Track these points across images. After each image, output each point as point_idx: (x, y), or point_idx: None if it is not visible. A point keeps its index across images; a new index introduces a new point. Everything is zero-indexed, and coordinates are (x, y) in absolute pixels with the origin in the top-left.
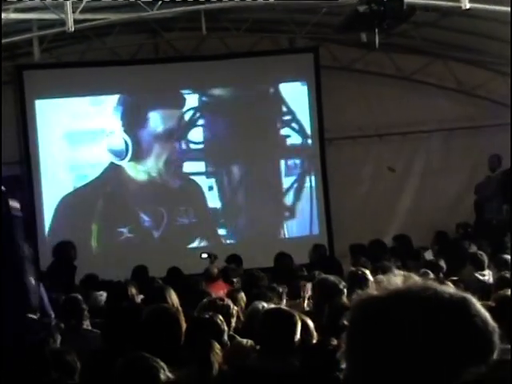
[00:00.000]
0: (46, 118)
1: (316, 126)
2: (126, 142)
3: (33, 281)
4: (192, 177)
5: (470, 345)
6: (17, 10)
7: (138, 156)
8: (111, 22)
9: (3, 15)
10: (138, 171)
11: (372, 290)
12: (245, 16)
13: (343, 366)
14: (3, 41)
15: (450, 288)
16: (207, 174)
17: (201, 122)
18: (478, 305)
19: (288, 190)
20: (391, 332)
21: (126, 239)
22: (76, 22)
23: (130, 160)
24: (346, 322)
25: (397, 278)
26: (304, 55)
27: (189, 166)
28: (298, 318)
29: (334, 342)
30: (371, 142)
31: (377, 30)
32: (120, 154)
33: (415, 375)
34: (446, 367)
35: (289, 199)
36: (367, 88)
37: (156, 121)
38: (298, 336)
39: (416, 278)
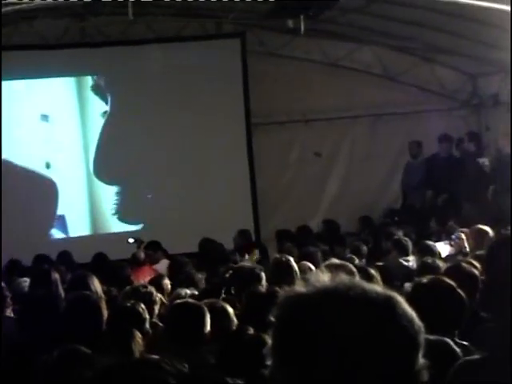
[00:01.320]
0: None
1: (243, 111)
2: None
3: None
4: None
5: (394, 344)
6: None
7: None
8: (37, 6)
9: None
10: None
11: (299, 286)
12: (172, 1)
13: (267, 361)
14: None
15: (376, 286)
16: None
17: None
18: (404, 304)
19: (216, 175)
20: (318, 330)
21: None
22: (2, 4)
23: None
24: (272, 318)
25: (324, 275)
26: (231, 40)
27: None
28: (205, 309)
29: (251, 330)
30: (297, 127)
31: (302, 17)
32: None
33: (340, 373)
34: (370, 365)
35: (214, 184)
36: (294, 73)
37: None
38: (207, 328)
39: (343, 275)
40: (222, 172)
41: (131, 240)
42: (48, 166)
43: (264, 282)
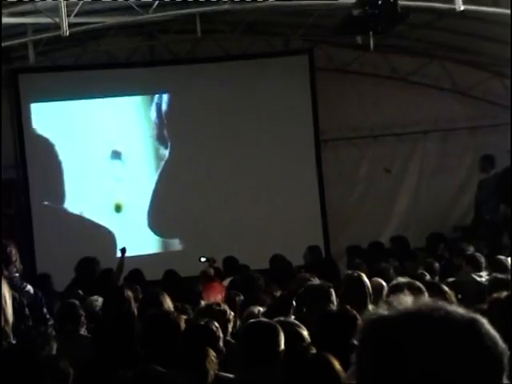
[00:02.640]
0: (43, 122)
1: (311, 128)
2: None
3: (30, 289)
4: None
5: (479, 366)
6: (11, 14)
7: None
8: (106, 26)
9: None
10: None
11: (382, 309)
12: (240, 18)
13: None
14: None
15: (459, 308)
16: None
17: (198, 124)
18: (487, 325)
19: (284, 191)
20: (402, 353)
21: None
22: (71, 25)
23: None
24: (355, 342)
25: (407, 298)
26: (299, 57)
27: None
28: (279, 328)
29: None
30: (367, 142)
31: (371, 33)
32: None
33: None
34: None
35: (283, 201)
36: (362, 89)
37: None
38: (281, 347)
39: (425, 298)
40: (291, 189)
41: (203, 259)
42: (118, 208)
43: (334, 299)
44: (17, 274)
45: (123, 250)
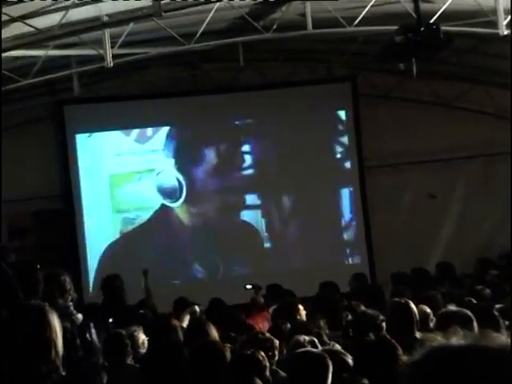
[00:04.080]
0: (88, 153)
1: (355, 154)
2: (179, 182)
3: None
4: (246, 217)
5: None
6: (56, 47)
7: (192, 197)
8: (149, 57)
9: (43, 52)
10: (190, 214)
11: (437, 340)
12: (282, 46)
13: None
14: (44, 77)
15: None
16: (262, 207)
17: (248, 154)
18: None
19: (329, 218)
20: None
21: (179, 289)
22: (114, 56)
23: (184, 202)
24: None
25: (458, 331)
26: (342, 84)
27: (244, 201)
28: (328, 359)
29: (366, 381)
30: (411, 168)
31: (414, 59)
32: (172, 195)
33: None
34: None
35: (328, 228)
36: (406, 115)
37: (209, 156)
38: (329, 378)
39: (476, 330)
40: (336, 216)
41: (249, 286)
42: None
43: (384, 330)
44: (71, 303)
45: (145, 273)
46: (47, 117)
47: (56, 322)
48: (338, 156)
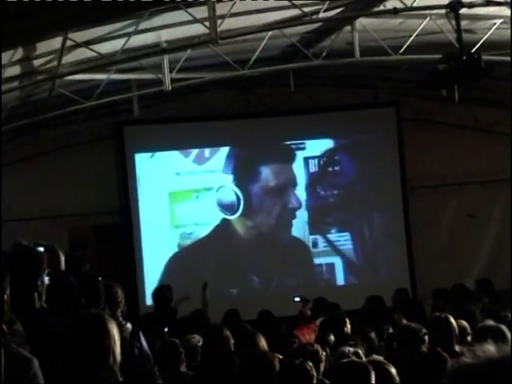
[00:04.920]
0: (147, 172)
1: (399, 176)
2: (237, 196)
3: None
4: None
5: None
6: (118, 71)
7: (249, 211)
8: (205, 81)
9: (105, 76)
10: (247, 227)
11: (467, 357)
12: (330, 73)
13: None
14: (105, 100)
15: None
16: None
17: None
18: None
19: (374, 236)
20: None
21: (235, 299)
22: (173, 80)
23: (241, 215)
24: None
25: (490, 345)
26: (387, 109)
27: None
28: (370, 368)
29: None
30: (451, 190)
31: (456, 86)
32: (231, 209)
33: None
34: None
35: (375, 245)
36: (448, 139)
37: (266, 175)
38: None
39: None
40: (380, 234)
41: (297, 299)
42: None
43: (426, 344)
44: (119, 315)
45: (205, 286)
46: (108, 137)
47: (115, 331)
48: (383, 177)
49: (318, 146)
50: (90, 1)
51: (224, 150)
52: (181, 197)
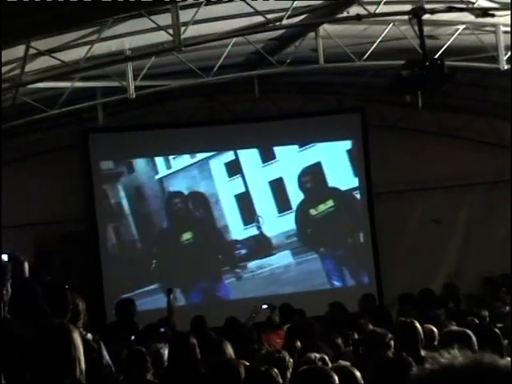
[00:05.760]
0: (110, 178)
1: (364, 182)
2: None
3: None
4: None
5: None
6: (82, 79)
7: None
8: (170, 88)
9: (69, 84)
10: (208, 233)
11: (433, 363)
12: (295, 79)
13: None
14: (70, 108)
15: (506, 360)
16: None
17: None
18: None
19: (339, 242)
20: None
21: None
22: (137, 88)
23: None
24: None
25: (458, 351)
26: (352, 115)
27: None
28: (332, 374)
29: None
30: (416, 195)
31: (420, 92)
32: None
33: None
34: None
35: (340, 250)
36: (412, 145)
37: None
38: None
39: (476, 350)
40: (346, 240)
41: (265, 306)
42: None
43: (392, 349)
44: (80, 325)
45: (169, 291)
46: (73, 145)
47: (79, 341)
48: (348, 183)
49: (284, 153)
50: (53, 9)
51: (189, 158)
52: (146, 204)
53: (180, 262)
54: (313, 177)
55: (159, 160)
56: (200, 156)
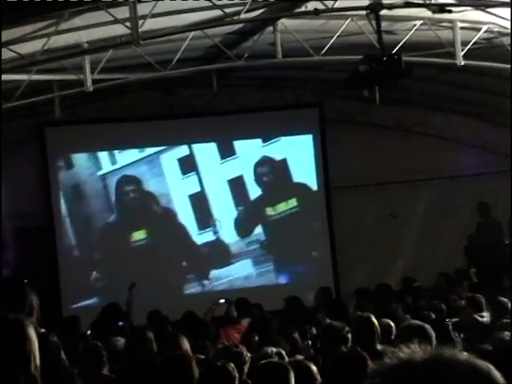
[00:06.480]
0: (68, 172)
1: (322, 176)
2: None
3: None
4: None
5: None
6: (39, 72)
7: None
8: (127, 82)
9: (26, 76)
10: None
11: (393, 358)
12: (253, 73)
13: None
14: (26, 101)
15: (465, 355)
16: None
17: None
18: (496, 372)
19: (297, 236)
20: None
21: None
22: (94, 81)
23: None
24: None
25: (416, 346)
26: (310, 109)
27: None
28: (289, 368)
29: None
30: (374, 190)
31: (377, 87)
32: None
33: None
34: None
35: (298, 244)
36: (370, 139)
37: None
38: None
39: (434, 345)
40: (303, 234)
41: (222, 300)
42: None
43: (349, 343)
44: (34, 321)
45: (131, 287)
46: (30, 138)
47: (34, 336)
48: (306, 177)
49: (245, 148)
50: (9, 1)
51: (148, 151)
52: (104, 198)
53: (130, 269)
54: (272, 169)
55: (103, 155)
56: (150, 150)
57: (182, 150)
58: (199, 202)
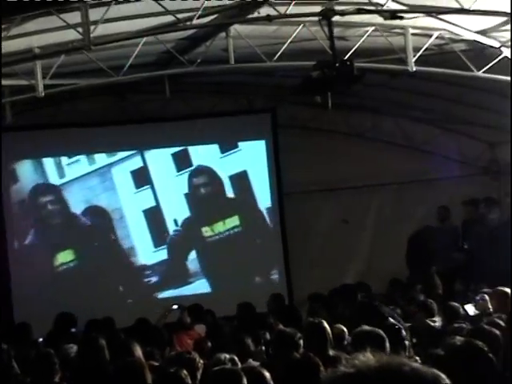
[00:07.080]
0: (19, 179)
1: (274, 182)
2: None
3: None
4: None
5: None
6: None
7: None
8: (79, 87)
9: None
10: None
11: (346, 366)
12: (206, 79)
13: None
14: None
15: (418, 364)
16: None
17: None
18: (443, 379)
19: (249, 242)
20: None
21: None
22: (46, 87)
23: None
24: None
25: (369, 354)
26: (262, 115)
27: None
28: (241, 374)
29: None
30: (326, 195)
31: (329, 93)
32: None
33: None
34: None
35: (250, 250)
36: (322, 145)
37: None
38: None
39: (388, 352)
40: (255, 239)
41: (175, 306)
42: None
43: (301, 348)
44: None
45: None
46: None
47: None
48: (258, 183)
49: (202, 159)
50: None
51: (99, 163)
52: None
53: (51, 296)
54: (210, 179)
55: (70, 159)
56: (101, 162)
57: (136, 162)
58: (154, 218)
